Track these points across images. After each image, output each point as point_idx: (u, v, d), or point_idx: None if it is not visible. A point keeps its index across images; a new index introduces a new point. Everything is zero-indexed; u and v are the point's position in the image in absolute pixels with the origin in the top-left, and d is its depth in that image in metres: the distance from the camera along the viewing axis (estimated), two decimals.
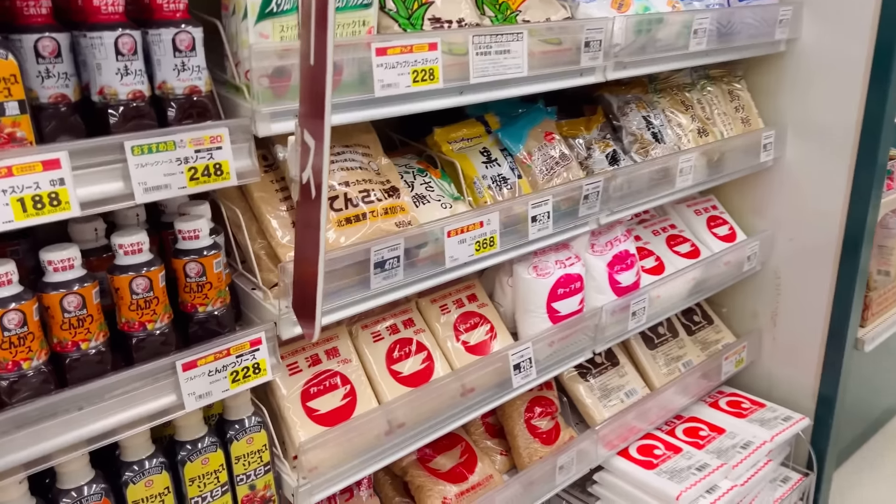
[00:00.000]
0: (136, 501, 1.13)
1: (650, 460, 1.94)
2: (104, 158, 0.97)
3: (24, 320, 0.97)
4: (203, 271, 1.13)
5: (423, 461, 1.65)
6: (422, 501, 1.59)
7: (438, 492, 1.59)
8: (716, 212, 2.28)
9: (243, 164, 1.10)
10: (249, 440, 1.24)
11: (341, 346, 1.46)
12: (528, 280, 1.65)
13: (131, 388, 1.06)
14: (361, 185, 1.31)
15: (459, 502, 1.59)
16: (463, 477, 1.64)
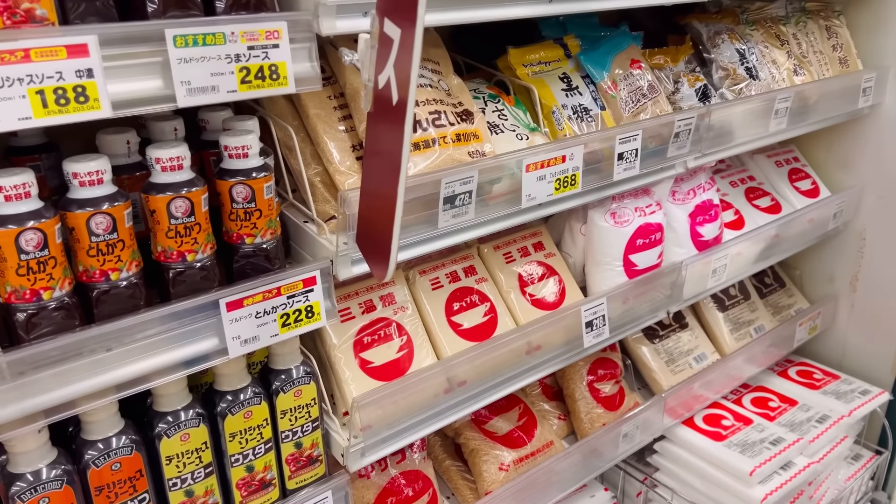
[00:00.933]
0: (170, 457, 0.99)
1: (718, 431, 1.78)
2: (141, 49, 0.80)
3: (44, 242, 0.81)
4: (252, 196, 0.96)
5: (478, 423, 1.51)
6: (476, 466, 1.44)
7: (495, 457, 1.44)
8: (798, 164, 2.07)
9: (303, 69, 0.92)
10: (297, 393, 1.09)
11: (397, 293, 1.29)
12: (604, 228, 1.47)
13: (167, 328, 0.91)
14: (431, 106, 1.13)
15: (517, 469, 1.45)
16: (521, 442, 1.49)
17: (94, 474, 0.93)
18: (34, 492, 0.88)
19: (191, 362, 0.94)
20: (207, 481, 1.04)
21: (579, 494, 1.75)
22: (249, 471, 1.08)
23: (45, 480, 0.89)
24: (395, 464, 1.33)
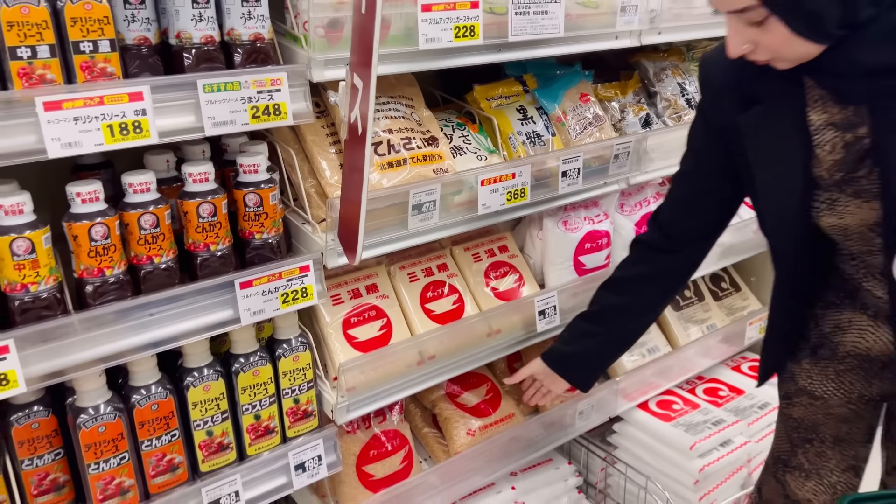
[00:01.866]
0: (196, 402, 1.29)
1: (668, 413, 2.04)
2: (179, 94, 1.11)
3: (108, 233, 1.12)
4: (260, 202, 1.27)
5: (451, 397, 1.78)
6: (448, 432, 1.72)
7: (463, 424, 1.72)
8: None
9: (299, 107, 1.22)
10: (295, 358, 1.38)
11: (380, 283, 1.59)
12: (557, 233, 1.76)
13: (195, 301, 1.21)
14: (403, 133, 1.43)
15: (482, 434, 1.72)
16: (487, 412, 1.76)
17: (138, 412, 1.23)
18: (94, 421, 1.18)
19: (212, 327, 1.24)
20: (224, 425, 1.34)
21: (546, 466, 2.01)
22: (257, 419, 1.37)
23: (102, 413, 1.19)
24: (377, 423, 1.61)
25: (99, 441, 1.19)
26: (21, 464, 1.21)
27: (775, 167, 1.20)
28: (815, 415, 1.42)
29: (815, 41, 1.02)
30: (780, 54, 1.06)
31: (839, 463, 1.43)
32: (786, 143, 1.17)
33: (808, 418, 1.43)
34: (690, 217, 1.42)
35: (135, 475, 1.25)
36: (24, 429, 1.19)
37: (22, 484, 1.21)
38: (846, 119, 1.10)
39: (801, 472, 1.46)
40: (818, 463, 1.44)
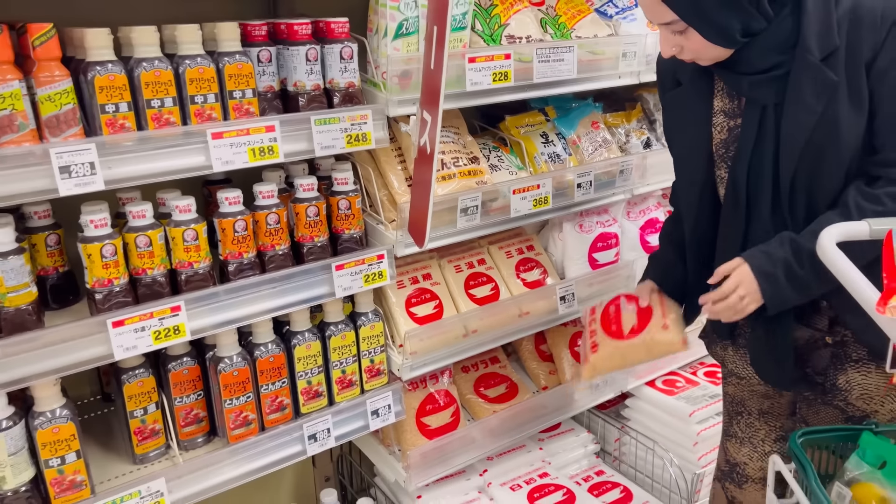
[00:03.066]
0: (300, 358, 1.70)
1: (671, 389, 2.41)
2: (298, 127, 1.54)
3: (245, 227, 1.55)
4: (349, 205, 1.69)
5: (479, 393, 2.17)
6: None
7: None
8: None
9: (379, 135, 1.65)
10: (372, 326, 1.80)
11: (433, 273, 2.00)
12: (574, 234, 2.16)
13: (303, 279, 1.63)
14: (453, 154, 1.85)
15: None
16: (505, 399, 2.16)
17: (260, 362, 1.65)
18: (230, 367, 1.60)
19: (315, 299, 1.66)
20: (319, 377, 1.75)
21: (568, 434, 2.39)
22: (343, 373, 1.78)
23: (235, 362, 1.61)
24: (432, 384, 2.01)
25: (233, 383, 1.61)
26: (174, 400, 1.63)
27: (685, 139, 1.55)
28: (742, 391, 1.70)
29: (724, 46, 1.33)
30: (699, 56, 1.38)
31: (768, 433, 1.70)
32: (694, 119, 1.51)
33: (737, 394, 1.73)
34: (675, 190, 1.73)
35: (256, 411, 1.66)
36: (178, 374, 1.62)
37: (174, 416, 1.63)
38: (732, 109, 1.46)
39: (736, 440, 1.76)
40: (749, 433, 1.73)
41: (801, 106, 1.33)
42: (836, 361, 1.51)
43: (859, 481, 1.37)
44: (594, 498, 2.12)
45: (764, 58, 1.34)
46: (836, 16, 1.30)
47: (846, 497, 1.39)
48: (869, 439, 1.38)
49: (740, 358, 1.68)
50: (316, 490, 2.40)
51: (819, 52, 1.31)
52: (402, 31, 1.62)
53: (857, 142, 1.34)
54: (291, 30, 1.56)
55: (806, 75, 1.32)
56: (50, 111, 1.28)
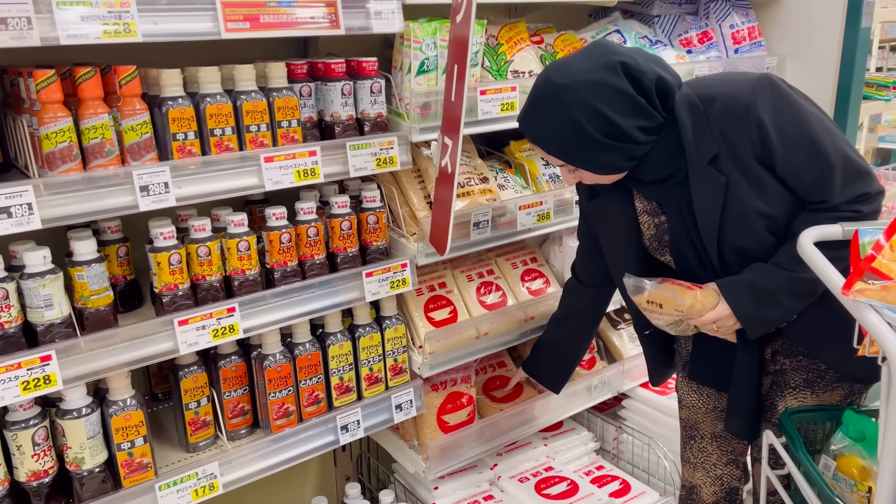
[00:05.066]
0: (333, 356, 1.91)
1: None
2: (335, 152, 1.77)
3: (290, 238, 1.77)
4: (377, 220, 1.92)
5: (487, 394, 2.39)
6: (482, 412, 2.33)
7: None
8: None
9: (404, 158, 1.88)
10: (395, 329, 2.01)
11: (448, 282, 2.22)
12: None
13: (338, 284, 1.84)
14: (466, 175, 2.09)
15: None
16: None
17: (299, 360, 1.85)
18: (274, 363, 1.80)
19: (348, 302, 1.87)
20: (350, 374, 1.95)
21: (570, 433, 2.59)
22: (370, 371, 1.99)
23: (279, 359, 1.81)
24: (451, 385, 2.22)
25: (276, 377, 1.82)
26: (224, 395, 1.83)
27: (612, 239, 1.74)
28: (696, 416, 1.88)
29: (615, 174, 1.53)
30: (598, 182, 1.56)
31: (720, 458, 1.86)
32: (621, 223, 1.68)
33: (691, 418, 1.89)
34: (589, 267, 1.95)
35: (295, 403, 1.87)
36: (227, 370, 1.82)
37: (223, 409, 1.83)
38: (653, 209, 1.64)
39: (690, 465, 1.93)
40: (702, 458, 1.89)
41: (704, 204, 1.50)
42: (776, 388, 1.73)
43: (843, 454, 1.58)
44: (596, 488, 2.32)
45: (658, 171, 1.51)
46: (709, 122, 1.46)
47: (831, 467, 1.60)
48: (851, 416, 1.59)
49: (686, 386, 1.90)
50: (337, 489, 2.58)
51: (703, 157, 1.47)
52: (423, 68, 1.86)
53: (772, 215, 1.48)
54: (329, 68, 1.79)
55: (699, 178, 1.49)
56: (132, 139, 1.50)
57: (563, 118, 1.43)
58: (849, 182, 1.47)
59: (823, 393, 1.68)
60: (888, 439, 1.22)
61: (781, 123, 1.43)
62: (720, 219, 1.50)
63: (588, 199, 1.77)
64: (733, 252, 1.55)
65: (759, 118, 1.43)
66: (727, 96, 1.46)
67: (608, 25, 2.41)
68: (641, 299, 1.63)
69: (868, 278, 1.34)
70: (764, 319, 1.55)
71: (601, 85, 1.41)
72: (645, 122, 1.45)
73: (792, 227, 1.52)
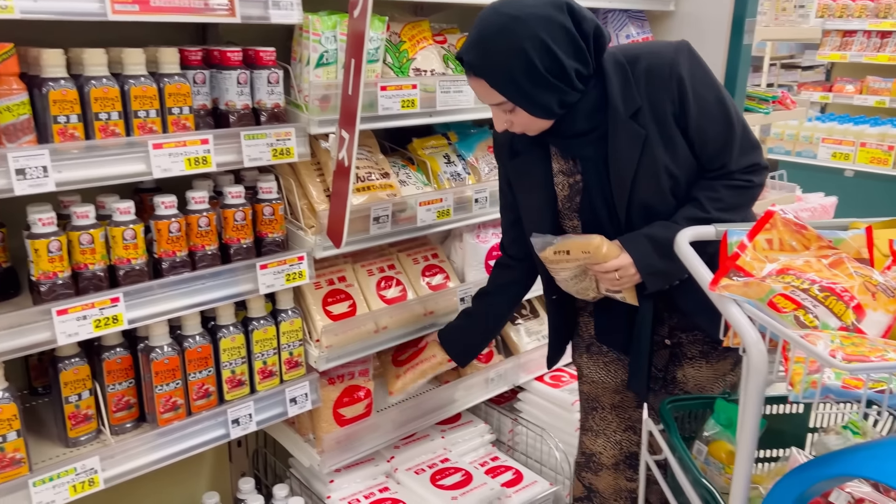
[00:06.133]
0: (225, 349, 1.88)
1: (557, 383, 2.72)
2: (229, 141, 1.75)
3: (179, 228, 1.73)
4: (273, 212, 1.90)
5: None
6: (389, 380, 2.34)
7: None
8: None
9: (301, 150, 1.88)
10: (291, 322, 2.00)
11: (347, 276, 2.23)
12: (472, 244, 2.44)
13: (230, 276, 1.82)
14: (366, 169, 2.10)
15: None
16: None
17: (188, 352, 1.82)
18: (161, 355, 1.76)
19: (241, 295, 1.85)
20: (242, 367, 1.93)
21: (467, 425, 2.64)
22: (264, 364, 1.97)
23: (166, 351, 1.77)
24: (348, 379, 2.22)
25: (163, 370, 1.77)
26: (107, 388, 1.77)
27: (530, 199, 1.76)
28: (597, 390, 1.98)
29: (546, 119, 1.55)
30: (527, 128, 1.58)
31: (619, 425, 1.97)
32: (538, 182, 1.72)
33: (592, 392, 2.00)
34: (516, 243, 1.93)
35: (184, 397, 1.83)
36: (112, 362, 1.77)
37: (107, 402, 1.78)
38: (569, 169, 1.69)
39: (592, 433, 2.02)
40: (603, 425, 1.99)
41: (620, 156, 1.59)
42: (674, 360, 1.86)
43: (714, 439, 1.69)
44: (490, 478, 2.38)
45: (582, 122, 1.58)
46: (633, 78, 1.56)
47: (703, 451, 1.71)
48: (722, 405, 1.70)
49: (594, 364, 1.98)
50: (232, 484, 2.54)
51: (625, 111, 1.55)
52: (322, 60, 1.87)
53: (677, 176, 1.60)
54: (225, 56, 1.77)
55: (619, 131, 1.57)
56: (7, 120, 1.44)
57: (513, 49, 1.45)
58: (745, 152, 1.61)
59: (717, 362, 1.85)
60: (745, 424, 1.31)
61: (697, 86, 1.56)
62: (634, 173, 1.59)
63: (510, 158, 1.79)
64: (640, 211, 1.64)
65: (680, 76, 1.54)
66: (651, 55, 1.58)
67: None
68: (549, 252, 1.68)
69: (733, 275, 1.44)
70: (660, 272, 1.64)
71: (550, 20, 1.45)
72: (581, 67, 1.51)
73: (692, 192, 1.64)
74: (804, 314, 1.34)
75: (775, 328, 1.29)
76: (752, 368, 1.31)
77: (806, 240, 1.49)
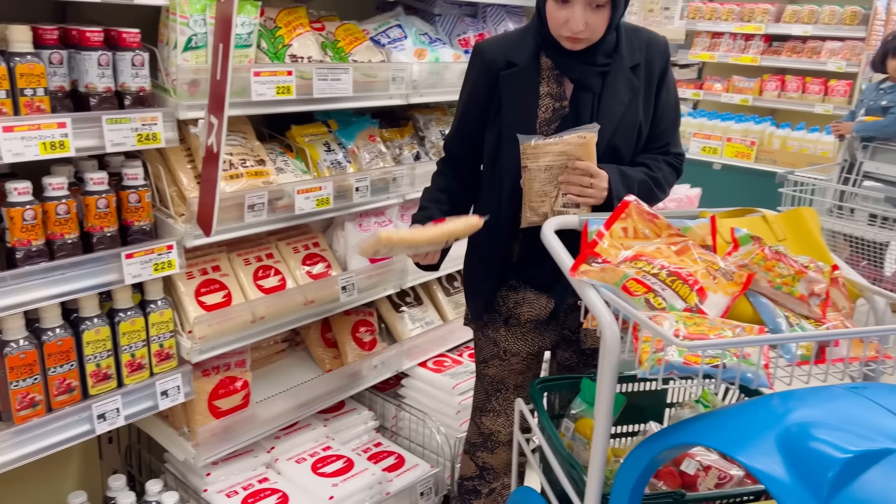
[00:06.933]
0: (89, 342, 1.81)
1: (439, 368, 2.78)
2: (89, 125, 1.67)
3: (35, 216, 1.64)
4: (139, 199, 1.83)
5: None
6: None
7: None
8: None
9: (169, 135, 1.82)
10: (161, 313, 1.94)
11: (222, 265, 2.18)
12: (354, 232, 2.45)
13: (93, 266, 1.74)
14: (241, 156, 2.06)
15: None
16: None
17: (48, 346, 1.73)
18: (17, 349, 1.67)
19: (105, 285, 1.78)
20: (108, 360, 1.86)
21: (350, 413, 2.66)
22: (132, 357, 1.90)
23: (22, 345, 1.68)
24: (224, 370, 2.18)
25: (19, 365, 1.68)
26: None
27: (517, 113, 1.80)
28: (503, 372, 2.03)
29: (610, 29, 1.69)
30: (594, 33, 1.67)
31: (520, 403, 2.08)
32: (526, 97, 1.78)
33: (497, 374, 2.04)
34: (462, 141, 1.97)
35: (43, 393, 1.74)
36: None
37: None
38: (559, 93, 1.79)
39: (493, 413, 2.09)
40: (505, 405, 2.07)
41: (616, 96, 1.78)
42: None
43: (580, 417, 1.79)
44: (372, 464, 2.41)
45: (601, 55, 1.76)
46: (636, 42, 1.81)
47: (570, 428, 1.80)
48: (587, 384, 1.80)
49: (512, 335, 2.02)
50: (102, 482, 2.44)
51: (629, 61, 1.79)
52: (191, 44, 1.81)
53: (644, 131, 1.86)
54: (84, 36, 1.68)
55: (621, 76, 1.78)
56: None
57: None
58: (678, 139, 1.94)
59: None
60: (601, 399, 1.40)
61: (671, 72, 1.87)
62: (621, 116, 1.80)
63: (504, 68, 1.82)
64: (608, 151, 1.80)
65: (668, 57, 1.86)
66: (649, 32, 1.87)
67: (390, 19, 2.50)
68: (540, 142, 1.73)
69: (591, 261, 1.53)
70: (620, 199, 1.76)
71: None
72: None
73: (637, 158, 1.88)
74: (654, 297, 1.44)
75: (627, 310, 1.38)
76: (606, 348, 1.40)
77: (657, 228, 1.60)
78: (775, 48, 6.55)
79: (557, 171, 1.74)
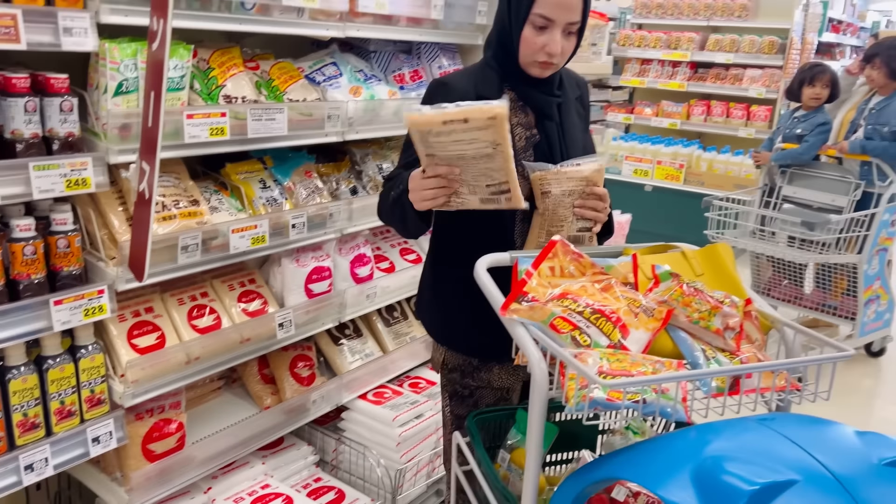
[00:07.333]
0: (15, 391, 1.76)
1: (380, 400, 2.80)
2: (15, 172, 1.64)
3: None
4: (68, 244, 1.81)
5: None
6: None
7: None
8: None
9: (99, 180, 1.80)
10: (92, 358, 1.91)
11: (156, 306, 2.16)
12: (291, 268, 2.46)
13: (20, 314, 1.71)
14: (173, 197, 2.06)
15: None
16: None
17: None
18: None
19: (32, 333, 1.74)
20: (36, 409, 1.81)
21: (290, 449, 2.65)
22: (62, 404, 1.86)
23: None
24: (158, 413, 2.15)
25: None
26: None
27: None
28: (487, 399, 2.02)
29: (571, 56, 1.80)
30: (564, 57, 1.78)
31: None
32: None
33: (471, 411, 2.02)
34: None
35: None
36: None
37: None
38: (528, 122, 1.84)
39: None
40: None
41: (573, 125, 1.91)
42: None
43: (515, 447, 1.84)
44: (312, 501, 2.40)
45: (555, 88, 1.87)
46: (568, 78, 1.94)
47: (506, 459, 1.85)
48: (522, 415, 1.84)
49: (506, 372, 1.99)
50: None
51: (575, 92, 1.95)
52: (122, 89, 1.81)
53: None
54: (9, 82, 1.66)
55: (571, 106, 1.92)
56: None
57: None
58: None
59: None
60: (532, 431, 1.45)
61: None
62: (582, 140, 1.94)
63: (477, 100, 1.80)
64: None
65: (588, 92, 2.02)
66: (573, 71, 2.00)
67: (325, 57, 2.53)
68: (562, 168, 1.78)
69: (521, 300, 1.59)
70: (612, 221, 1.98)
71: None
72: None
73: None
74: (579, 334, 1.51)
75: (553, 349, 1.44)
76: (535, 385, 1.46)
77: (582, 266, 1.67)
78: (701, 74, 6.84)
79: (577, 195, 1.80)
